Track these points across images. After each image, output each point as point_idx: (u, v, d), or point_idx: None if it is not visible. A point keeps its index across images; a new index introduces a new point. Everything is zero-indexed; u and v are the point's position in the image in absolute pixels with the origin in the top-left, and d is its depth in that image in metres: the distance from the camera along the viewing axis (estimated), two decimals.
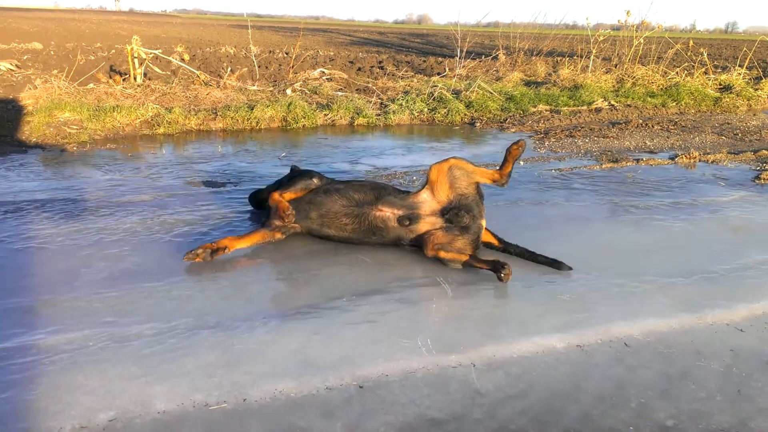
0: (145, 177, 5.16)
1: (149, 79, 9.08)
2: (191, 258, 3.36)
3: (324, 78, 10.56)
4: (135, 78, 8.81)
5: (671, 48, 13.43)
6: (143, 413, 2.18)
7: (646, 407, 2.32)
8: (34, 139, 6.33)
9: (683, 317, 3.02)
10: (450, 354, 2.63)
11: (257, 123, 7.64)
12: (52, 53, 13.50)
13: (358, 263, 3.53)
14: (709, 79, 11.92)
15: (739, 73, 12.33)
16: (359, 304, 3.04)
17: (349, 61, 15.02)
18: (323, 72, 10.90)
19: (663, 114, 9.79)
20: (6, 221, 3.97)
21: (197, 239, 3.78)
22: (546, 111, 9.42)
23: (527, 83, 11.46)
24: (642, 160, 6.40)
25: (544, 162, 6.23)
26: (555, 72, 12.49)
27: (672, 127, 8.40)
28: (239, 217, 4.22)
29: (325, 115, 8.14)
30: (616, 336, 2.82)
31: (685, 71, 12.18)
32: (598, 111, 9.56)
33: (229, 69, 10.01)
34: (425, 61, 15.58)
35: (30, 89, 7.81)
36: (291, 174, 4.11)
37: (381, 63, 14.89)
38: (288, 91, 9.12)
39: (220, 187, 4.93)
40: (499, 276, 3.24)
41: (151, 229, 3.93)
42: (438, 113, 8.77)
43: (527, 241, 3.94)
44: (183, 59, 10.11)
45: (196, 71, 9.59)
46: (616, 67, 12.46)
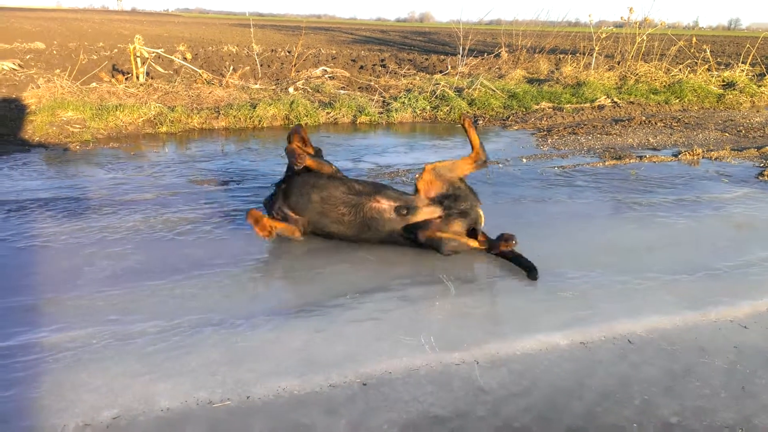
0: (148, 175, 5.17)
1: (152, 78, 9.09)
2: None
3: (326, 76, 10.56)
4: (137, 77, 8.83)
5: (674, 45, 13.40)
6: (147, 411, 2.19)
7: (649, 404, 2.32)
8: (37, 138, 6.34)
9: (687, 314, 3.01)
10: (453, 351, 2.63)
11: (260, 121, 7.64)
12: (54, 53, 13.53)
13: (361, 261, 3.53)
14: (712, 76, 11.89)
15: (742, 70, 12.30)
16: (362, 301, 3.04)
17: (352, 60, 15.01)
18: (325, 70, 10.90)
19: (666, 111, 9.77)
20: (9, 220, 3.98)
21: (200, 237, 3.79)
22: (549, 108, 9.41)
23: (530, 81, 11.45)
24: (645, 157, 6.38)
25: (547, 159, 6.22)
26: (558, 69, 12.48)
27: (675, 124, 8.38)
28: (242, 216, 4.21)
29: (328, 114, 8.14)
30: (619, 333, 2.82)
31: (688, 68, 12.15)
32: (601, 108, 9.55)
33: (232, 68, 10.01)
34: (427, 59, 15.57)
35: (33, 89, 7.82)
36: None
37: (383, 61, 14.88)
38: (290, 90, 9.12)
39: (223, 186, 4.93)
40: (499, 246, 3.37)
41: (154, 228, 3.94)
42: (440, 111, 8.76)
43: (530, 239, 3.94)
44: (185, 58, 10.12)
45: (198, 70, 9.60)
46: (618, 65, 12.44)
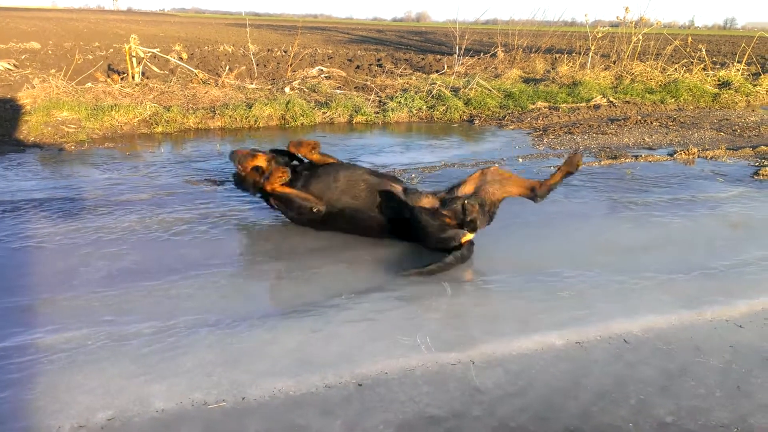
0: (144, 176, 5.15)
1: (147, 78, 9.06)
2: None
3: (322, 76, 10.55)
4: (133, 77, 8.80)
5: (670, 44, 13.42)
6: (142, 412, 2.18)
7: (645, 404, 2.32)
8: (32, 139, 6.32)
9: (683, 313, 3.02)
10: (449, 351, 2.63)
11: (256, 121, 7.63)
12: (50, 53, 13.49)
13: (357, 261, 3.52)
14: (708, 76, 11.91)
15: (738, 69, 12.33)
16: (358, 302, 3.03)
17: (348, 59, 15.00)
18: (322, 70, 10.89)
19: (662, 110, 9.79)
20: (4, 220, 3.96)
21: (196, 238, 3.78)
22: (545, 108, 9.42)
23: (526, 80, 11.46)
24: (641, 156, 6.39)
25: (542, 159, 6.23)
26: (553, 69, 12.48)
27: (671, 124, 8.40)
28: (238, 216, 4.21)
29: (324, 113, 8.13)
30: (615, 333, 2.82)
31: (684, 68, 12.18)
32: (596, 108, 9.56)
33: (228, 67, 9.99)
34: (424, 59, 15.57)
35: (28, 89, 7.79)
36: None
37: (379, 61, 14.87)
38: (286, 90, 9.11)
39: (218, 186, 4.92)
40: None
41: (150, 228, 3.93)
42: (437, 111, 8.76)
43: (526, 239, 3.95)
44: (181, 58, 10.10)
45: (194, 70, 9.58)
46: (614, 64, 12.45)
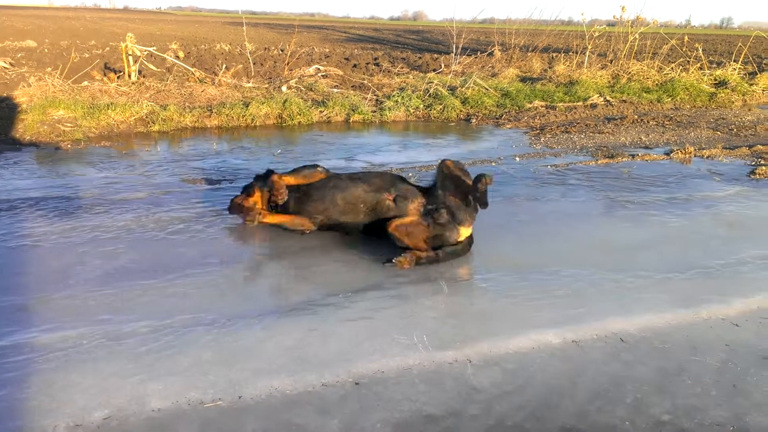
0: (140, 174, 5.14)
1: (144, 77, 9.04)
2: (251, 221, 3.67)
3: (319, 75, 10.54)
4: (129, 75, 8.78)
5: (666, 44, 13.45)
6: (138, 411, 2.18)
7: (642, 402, 2.33)
8: (28, 137, 6.30)
9: (679, 312, 3.02)
10: (446, 350, 2.63)
11: (252, 120, 7.61)
12: (46, 51, 13.44)
13: (354, 260, 3.52)
14: (704, 75, 11.95)
15: (734, 69, 12.37)
16: (355, 300, 3.03)
17: (345, 58, 14.99)
18: (318, 69, 10.87)
19: (658, 109, 9.81)
20: (0, 219, 3.95)
21: (192, 236, 3.77)
22: (541, 107, 9.42)
23: (523, 79, 11.47)
24: (637, 155, 6.40)
25: (539, 158, 6.23)
26: (550, 68, 12.50)
27: (667, 123, 8.41)
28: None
29: (321, 112, 8.12)
30: (611, 331, 2.83)
31: (681, 67, 12.20)
32: (593, 107, 9.57)
33: (224, 66, 9.97)
34: (421, 58, 15.56)
35: (24, 87, 7.76)
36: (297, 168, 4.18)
37: (376, 60, 14.86)
38: (283, 88, 9.09)
39: (215, 185, 4.91)
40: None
41: (146, 227, 3.92)
42: (434, 110, 8.76)
43: (523, 238, 3.95)
44: (178, 56, 10.08)
45: (191, 68, 9.56)
46: (611, 63, 12.48)
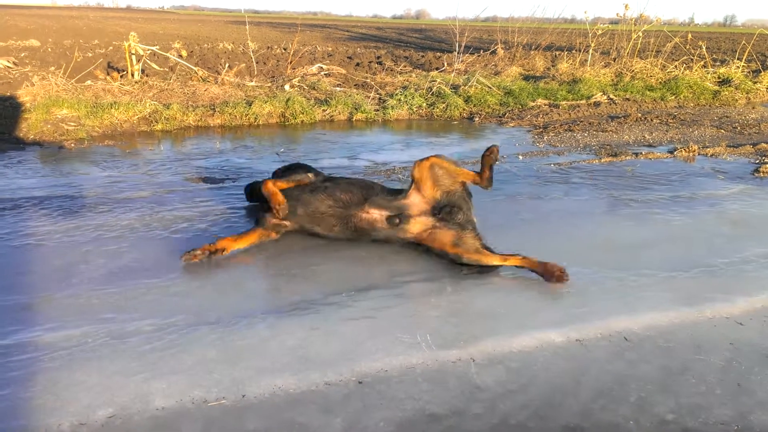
0: (144, 173, 5.15)
1: (147, 76, 9.05)
2: (189, 259, 3.33)
3: (322, 73, 10.53)
4: (132, 74, 8.78)
5: (670, 41, 13.40)
6: (142, 410, 2.18)
7: (646, 401, 2.32)
8: (31, 136, 6.31)
9: (683, 311, 3.01)
10: (449, 349, 2.62)
11: (255, 119, 7.62)
12: (49, 50, 13.47)
13: (357, 259, 3.52)
14: (708, 73, 11.90)
15: (738, 66, 12.31)
16: (358, 299, 3.03)
17: (348, 57, 14.98)
18: (321, 67, 10.87)
19: (662, 107, 9.78)
20: (4, 218, 3.96)
21: (196, 235, 3.78)
22: (545, 105, 9.40)
23: (526, 78, 11.44)
24: (641, 153, 6.39)
25: (542, 156, 6.22)
26: (554, 66, 12.47)
27: (671, 121, 8.39)
28: (237, 213, 4.21)
29: (324, 111, 8.12)
30: (615, 330, 2.82)
31: (684, 65, 12.16)
32: (596, 105, 9.55)
33: (227, 65, 9.97)
34: (423, 56, 15.54)
35: (27, 86, 7.78)
36: (287, 166, 4.11)
37: (379, 58, 14.85)
38: (286, 87, 9.09)
39: (218, 183, 4.92)
40: (549, 278, 3.22)
41: (150, 226, 3.92)
42: (437, 108, 8.75)
43: (526, 236, 3.94)
44: (181, 55, 10.08)
45: (194, 67, 9.56)
46: (614, 61, 12.44)
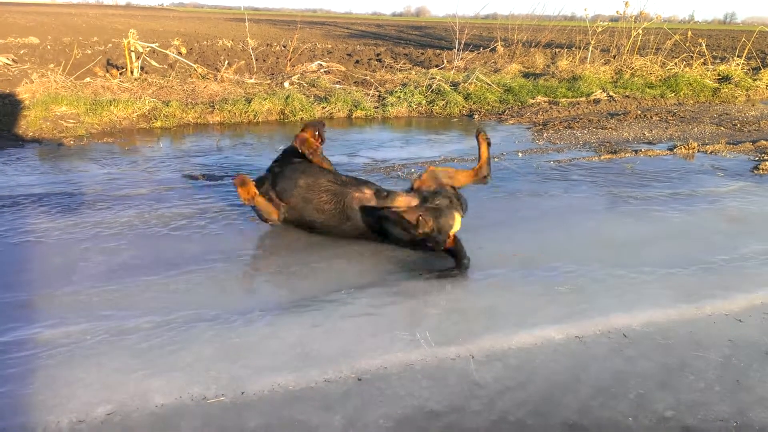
0: (143, 170, 5.14)
1: (146, 73, 9.04)
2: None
3: (322, 71, 10.52)
4: (132, 72, 8.77)
5: (670, 39, 13.38)
6: (141, 407, 2.18)
7: (645, 398, 2.32)
8: (30, 134, 6.30)
9: (682, 308, 3.02)
10: (449, 346, 2.62)
11: (255, 116, 7.61)
12: (48, 47, 13.44)
13: (356, 256, 3.52)
14: (708, 70, 11.89)
15: (738, 64, 12.31)
16: (358, 296, 3.03)
17: (347, 54, 14.96)
18: (321, 65, 10.86)
19: (661, 105, 9.77)
20: (3, 215, 3.96)
21: (195, 232, 3.77)
22: (544, 102, 9.40)
23: (526, 75, 11.43)
24: (640, 151, 6.38)
25: (542, 153, 6.22)
26: (553, 63, 12.45)
27: (671, 118, 8.39)
28: (237, 211, 4.20)
29: (323, 108, 8.11)
30: (614, 327, 2.82)
31: (684, 62, 12.15)
32: (596, 102, 9.54)
33: (227, 62, 9.96)
34: (423, 54, 15.52)
35: (27, 84, 7.77)
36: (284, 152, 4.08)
37: (379, 55, 14.83)
38: (286, 84, 9.08)
39: (217, 181, 4.91)
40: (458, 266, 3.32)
41: (149, 223, 3.92)
42: (436, 105, 8.74)
43: (526, 233, 3.94)
44: (180, 53, 10.06)
45: (193, 65, 9.55)
46: (614, 58, 12.42)
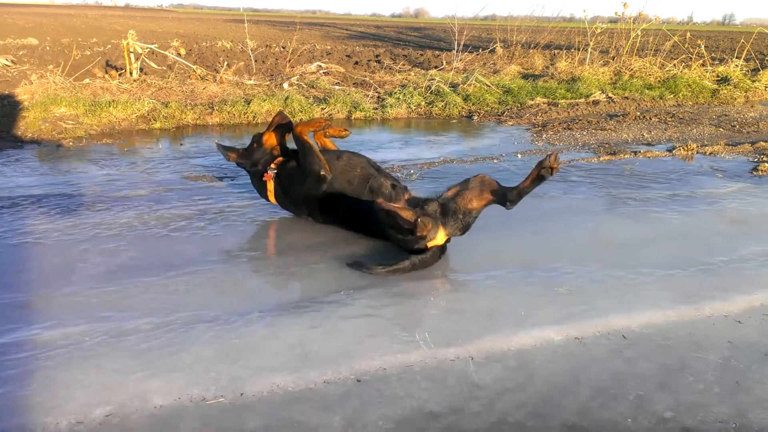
0: (142, 172, 5.14)
1: (145, 74, 9.03)
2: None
3: (321, 72, 10.52)
4: (131, 73, 8.77)
5: (669, 40, 13.40)
6: (140, 408, 2.18)
7: (644, 399, 2.32)
8: (29, 135, 6.30)
9: (681, 309, 3.02)
10: (448, 347, 2.62)
11: (254, 117, 7.61)
12: (47, 48, 13.44)
13: (355, 257, 3.51)
14: (707, 71, 11.90)
15: (737, 65, 12.31)
16: (357, 297, 3.03)
17: (346, 55, 14.97)
18: (320, 66, 10.86)
19: (661, 106, 9.78)
20: (2, 216, 3.95)
21: (194, 234, 3.77)
22: (544, 104, 9.40)
23: (525, 76, 11.43)
24: (640, 152, 6.39)
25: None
26: (552, 65, 12.46)
27: (670, 119, 8.39)
28: (236, 212, 4.20)
29: (323, 109, 8.11)
30: (614, 328, 2.82)
31: (683, 63, 12.16)
32: (595, 103, 9.54)
33: (226, 63, 9.95)
34: (422, 55, 15.53)
35: (25, 85, 7.76)
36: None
37: (378, 57, 14.84)
38: (285, 85, 9.08)
39: (216, 182, 4.91)
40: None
41: (148, 224, 3.92)
42: (435, 106, 8.74)
43: (524, 235, 3.94)
44: (179, 54, 10.06)
45: (192, 66, 9.55)
46: (613, 60, 12.43)
